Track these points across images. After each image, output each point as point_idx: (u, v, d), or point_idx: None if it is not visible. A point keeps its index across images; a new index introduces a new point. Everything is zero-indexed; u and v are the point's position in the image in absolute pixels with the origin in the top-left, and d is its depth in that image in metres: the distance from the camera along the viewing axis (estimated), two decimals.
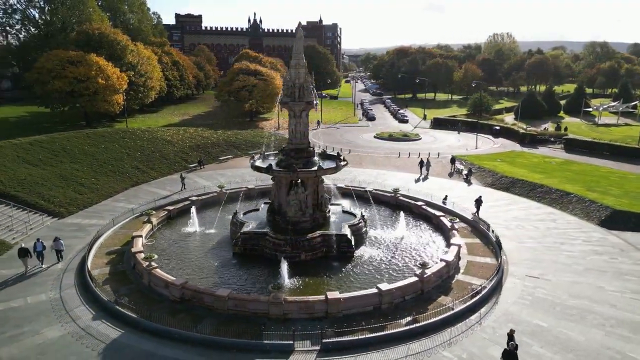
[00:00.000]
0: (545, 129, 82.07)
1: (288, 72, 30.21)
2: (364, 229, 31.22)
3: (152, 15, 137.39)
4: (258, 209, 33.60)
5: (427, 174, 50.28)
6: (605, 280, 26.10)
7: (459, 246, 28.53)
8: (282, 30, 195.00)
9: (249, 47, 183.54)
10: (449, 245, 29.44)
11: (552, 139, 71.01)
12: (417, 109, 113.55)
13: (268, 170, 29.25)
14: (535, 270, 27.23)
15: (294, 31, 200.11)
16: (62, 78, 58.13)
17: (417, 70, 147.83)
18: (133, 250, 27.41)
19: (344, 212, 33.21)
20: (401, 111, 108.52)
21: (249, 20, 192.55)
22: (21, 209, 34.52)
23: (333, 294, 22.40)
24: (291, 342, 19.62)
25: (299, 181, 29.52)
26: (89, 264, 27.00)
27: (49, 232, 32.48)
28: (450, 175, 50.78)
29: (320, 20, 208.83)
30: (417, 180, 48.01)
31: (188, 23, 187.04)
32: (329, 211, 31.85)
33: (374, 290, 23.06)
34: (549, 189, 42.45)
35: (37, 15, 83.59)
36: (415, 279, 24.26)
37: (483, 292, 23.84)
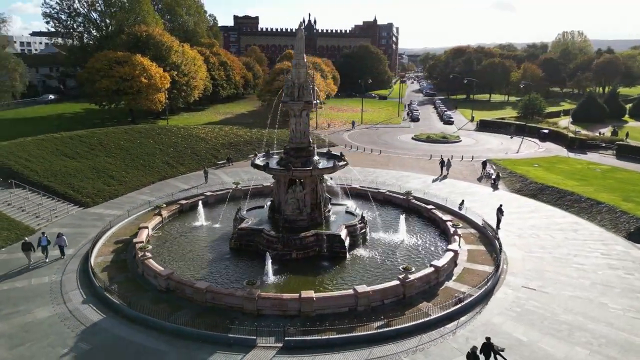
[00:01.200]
0: (601, 133, 76.83)
1: (290, 71, 30.56)
2: (362, 230, 30.91)
3: (208, 17, 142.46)
4: (263, 207, 34.18)
5: (447, 174, 49.52)
6: (610, 296, 24.25)
7: (455, 252, 27.56)
8: (335, 30, 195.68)
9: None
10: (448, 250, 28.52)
11: (604, 145, 66.30)
12: (467, 110, 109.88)
13: (265, 168, 29.76)
14: (534, 281, 25.81)
15: (346, 31, 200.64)
16: (109, 77, 62.07)
17: (471, 70, 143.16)
18: (135, 240, 28.90)
19: (347, 212, 33.05)
20: (447, 112, 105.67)
21: (303, 21, 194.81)
22: (50, 197, 37.36)
23: (307, 293, 22.48)
24: (254, 337, 19.94)
25: (299, 180, 29.83)
26: (95, 251, 28.84)
27: (72, 221, 35.02)
28: (480, 179, 48.91)
29: (375, 20, 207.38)
30: (436, 180, 46.79)
31: (245, 25, 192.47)
32: (329, 211, 31.85)
33: (350, 291, 22.91)
34: (579, 197, 39.88)
35: (97, 19, 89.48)
36: (396, 282, 23.79)
37: (466, 301, 22.95)
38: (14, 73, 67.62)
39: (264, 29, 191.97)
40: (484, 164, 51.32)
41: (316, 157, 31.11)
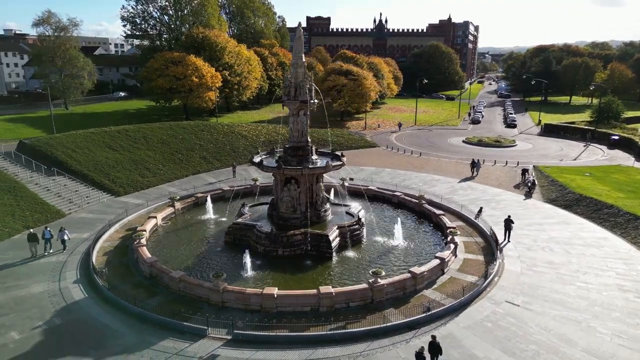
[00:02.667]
0: None
1: (289, 71, 30.94)
2: (356, 232, 30.51)
3: (277, 19, 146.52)
4: (268, 203, 34.84)
5: (476, 175, 48.86)
6: (604, 320, 21.98)
7: (442, 260, 26.38)
8: (407, 30, 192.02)
9: (372, 47, 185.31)
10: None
11: None
12: (541, 113, 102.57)
13: (259, 165, 30.43)
14: (522, 297, 24.06)
15: (419, 30, 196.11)
16: (164, 76, 66.43)
17: (548, 70, 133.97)
18: (138, 228, 30.92)
19: (347, 213, 32.76)
20: (512, 115, 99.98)
21: (374, 21, 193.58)
22: (87, 185, 40.93)
23: (269, 289, 22.81)
24: (205, 327, 20.67)
25: (293, 179, 30.17)
26: (105, 236, 31.28)
27: (100, 207, 38.11)
28: (517, 186, 45.93)
29: (449, 19, 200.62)
30: (467, 180, 44.61)
31: (317, 25, 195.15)
32: (326, 210, 31.78)
33: (313, 291, 22.86)
34: (617, 211, 36.19)
35: (167, 22, 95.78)
36: (365, 286, 23.36)
37: (433, 311, 22.01)
38: (82, 72, 74.64)
39: (335, 30, 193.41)
40: (524, 171, 48.07)
41: (315, 157, 31.21)
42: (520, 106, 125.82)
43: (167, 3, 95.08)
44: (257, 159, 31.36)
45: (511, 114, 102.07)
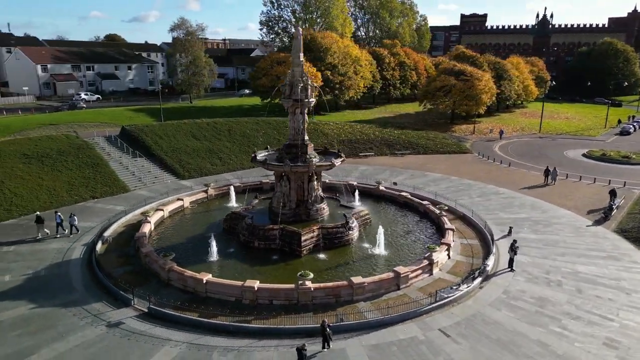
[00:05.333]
0: None
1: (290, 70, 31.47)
2: (339, 235, 29.70)
3: (418, 17, 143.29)
4: None
5: (554, 183, 45.53)
6: None
7: (396, 274, 24.36)
8: (575, 25, 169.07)
9: (532, 46, 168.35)
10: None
11: None
12: None
13: (253, 159, 31.71)
14: (465, 329, 21.02)
15: (590, 26, 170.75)
16: (267, 75, 71.49)
17: None
18: (163, 207, 35.05)
19: (345, 215, 31.94)
20: None
21: (537, 16, 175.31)
22: (159, 168, 47.26)
23: (203, 275, 24.16)
24: (131, 297, 23.07)
25: (285, 176, 30.86)
26: (137, 212, 36.01)
27: (160, 187, 43.57)
28: (595, 211, 38.12)
29: (635, 11, 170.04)
30: (543, 186, 38.96)
31: (470, 23, 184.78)
32: (317, 210, 31.54)
33: (239, 283, 23.50)
34: None
35: (295, 25, 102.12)
36: (291, 286, 23.17)
37: (345, 323, 20.81)
38: (203, 70, 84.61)
39: (490, 27, 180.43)
40: (613, 192, 39.73)
41: (312, 155, 31.27)
42: None
43: (298, 7, 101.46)
44: (257, 154, 32.67)
45: None
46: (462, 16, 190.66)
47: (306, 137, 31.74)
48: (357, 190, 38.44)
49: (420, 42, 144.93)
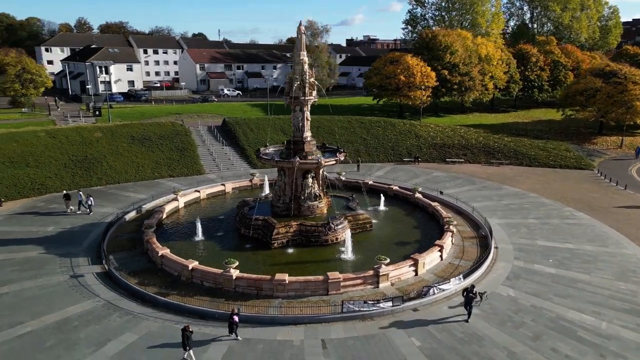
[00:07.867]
0: None
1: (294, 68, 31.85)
2: (316, 234, 29.25)
3: (606, 9, 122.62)
4: None
5: None
6: None
7: (325, 278, 23.27)
8: None
9: None
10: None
11: None
12: None
13: (256, 153, 33.11)
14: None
15: None
16: (378, 75, 70.94)
17: None
18: (197, 189, 39.21)
19: (331, 217, 31.05)
20: None
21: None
22: (240, 156, 52.12)
23: (162, 249, 26.92)
24: (103, 260, 27.20)
25: (283, 170, 31.76)
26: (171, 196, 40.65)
27: (230, 174, 48.17)
28: None
29: None
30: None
31: None
32: (309, 207, 31.44)
33: (183, 262, 25.43)
34: None
35: (435, 23, 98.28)
36: (219, 271, 24.27)
37: (242, 314, 21.19)
38: (323, 70, 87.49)
39: None
40: None
41: (310, 151, 31.37)
42: None
43: (444, 4, 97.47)
44: (263, 149, 34.01)
45: None
46: None
47: (307, 134, 31.97)
48: (382, 194, 36.72)
49: (605, 39, 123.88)
